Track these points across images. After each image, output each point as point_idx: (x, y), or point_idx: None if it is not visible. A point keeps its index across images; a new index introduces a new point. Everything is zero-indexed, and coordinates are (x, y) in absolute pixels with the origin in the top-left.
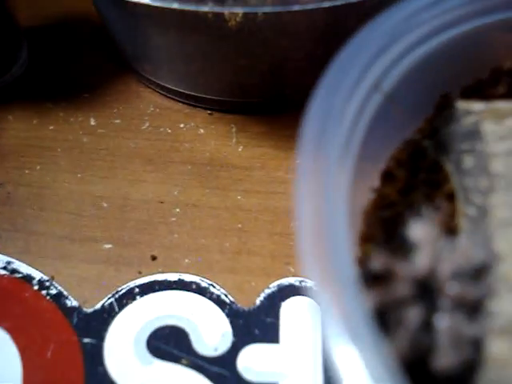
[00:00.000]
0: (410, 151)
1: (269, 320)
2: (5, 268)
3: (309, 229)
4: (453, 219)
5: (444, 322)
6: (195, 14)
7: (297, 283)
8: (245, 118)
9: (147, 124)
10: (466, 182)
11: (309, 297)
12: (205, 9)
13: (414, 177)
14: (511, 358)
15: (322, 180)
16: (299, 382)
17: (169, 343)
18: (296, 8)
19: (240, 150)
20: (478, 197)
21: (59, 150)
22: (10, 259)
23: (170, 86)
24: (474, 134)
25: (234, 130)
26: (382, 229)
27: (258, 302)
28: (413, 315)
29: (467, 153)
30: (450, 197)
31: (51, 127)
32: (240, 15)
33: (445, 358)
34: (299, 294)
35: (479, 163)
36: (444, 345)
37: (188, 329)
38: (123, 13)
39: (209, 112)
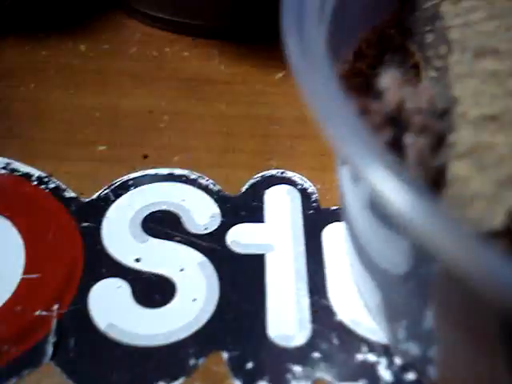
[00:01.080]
0: (377, 34)
1: (254, 204)
2: (4, 168)
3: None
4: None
5: (411, 139)
6: None
7: (278, 174)
8: (227, 43)
9: (134, 49)
10: (428, 53)
11: (289, 185)
12: None
13: (382, 56)
14: (470, 176)
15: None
16: (283, 252)
17: (162, 224)
18: None
19: (222, 68)
20: (438, 61)
21: (52, 71)
22: (8, 161)
23: (153, 14)
24: (434, 15)
25: (216, 52)
26: (355, 92)
27: (243, 189)
28: (383, 136)
29: (428, 32)
30: (416, 67)
31: (43, 52)
32: None
33: (413, 172)
34: (281, 183)
35: (439, 36)
36: (412, 159)
37: (180, 212)
38: None
39: (192, 38)
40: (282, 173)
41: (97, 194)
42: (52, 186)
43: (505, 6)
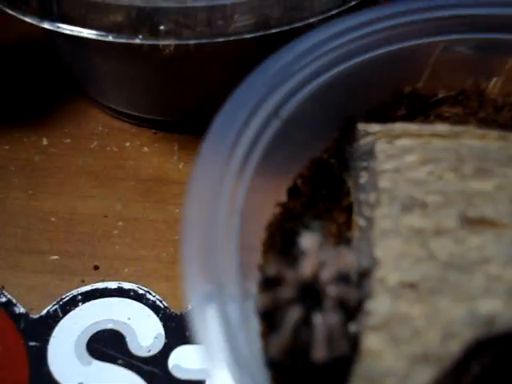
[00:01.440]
0: (315, 168)
1: None
2: None
3: (195, 240)
4: (349, 230)
5: (319, 319)
6: (131, 44)
7: None
8: (187, 137)
9: (95, 143)
10: (360, 196)
11: None
12: (137, 41)
13: (318, 192)
14: (383, 351)
15: (215, 195)
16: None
17: (107, 345)
18: (221, 39)
19: (181, 166)
20: (367, 210)
21: (12, 168)
22: None
23: (116, 108)
24: (370, 152)
25: (176, 148)
26: (282, 239)
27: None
28: (293, 313)
29: (364, 170)
30: (349, 209)
31: (6, 147)
32: (173, 45)
33: (319, 352)
34: None
35: (371, 179)
36: (319, 339)
37: (125, 332)
38: (68, 40)
39: (153, 131)
40: None
41: (46, 309)
42: (3, 300)
43: (440, 147)
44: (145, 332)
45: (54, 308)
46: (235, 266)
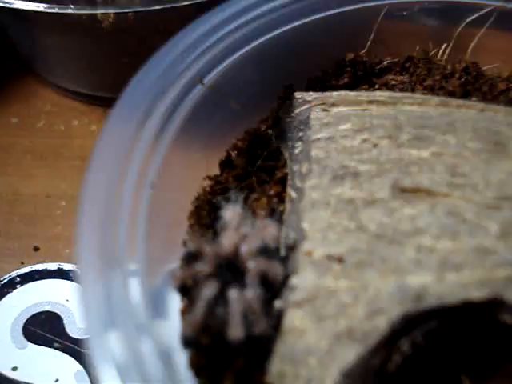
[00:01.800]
0: (250, 140)
1: None
2: None
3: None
4: (282, 203)
5: (235, 295)
6: (70, 16)
7: None
8: None
9: (43, 122)
10: (294, 167)
11: None
12: (69, 11)
13: (253, 165)
14: (306, 328)
15: (120, 166)
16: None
17: (43, 328)
18: (158, 7)
19: None
20: (299, 181)
21: None
22: None
23: (64, 85)
24: (306, 121)
25: None
26: (209, 213)
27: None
28: (207, 289)
29: (299, 140)
30: (284, 182)
31: None
32: (112, 16)
33: (236, 330)
34: None
35: (305, 149)
36: (235, 317)
37: (62, 314)
38: (10, 15)
39: (103, 109)
40: None
41: None
42: None
43: (377, 115)
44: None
45: None
46: (141, 241)
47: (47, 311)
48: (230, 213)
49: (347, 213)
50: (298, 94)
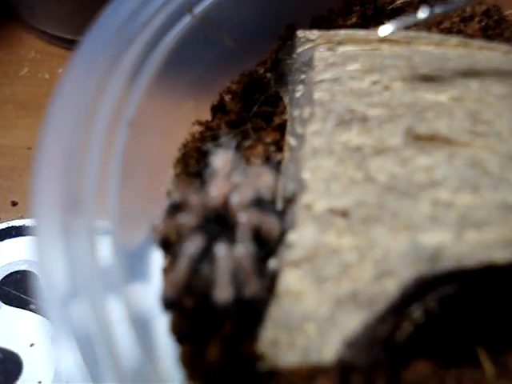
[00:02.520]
0: (246, 83)
1: None
2: None
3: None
4: (280, 151)
5: (223, 251)
6: None
7: None
8: None
9: (26, 70)
10: (294, 113)
11: None
12: None
13: (248, 110)
14: (304, 291)
15: (88, 100)
16: None
17: (19, 288)
18: None
19: None
20: (300, 127)
21: None
22: None
23: (49, 30)
24: (309, 62)
25: None
26: (198, 161)
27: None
28: (192, 244)
29: (301, 83)
30: (282, 129)
31: None
32: None
33: (223, 291)
34: None
35: (306, 92)
36: (222, 276)
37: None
38: None
39: None
40: None
41: None
42: None
43: (389, 54)
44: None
45: None
46: (114, 191)
47: (23, 270)
48: (221, 158)
49: (354, 162)
50: (300, 33)
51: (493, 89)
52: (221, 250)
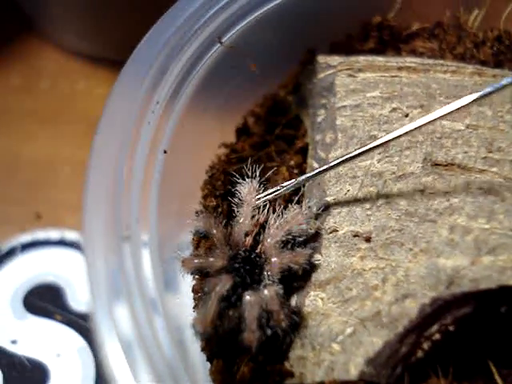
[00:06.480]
0: (269, 106)
1: None
2: None
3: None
4: (302, 173)
5: (252, 298)
6: None
7: None
8: None
9: (46, 84)
10: (316, 137)
11: None
12: None
13: (271, 132)
14: (330, 311)
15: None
16: None
17: (44, 299)
18: None
19: None
20: (322, 151)
21: None
22: None
23: (69, 44)
24: (330, 88)
25: None
26: (224, 183)
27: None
28: (219, 286)
29: (322, 107)
30: (304, 152)
31: None
32: None
33: (250, 335)
34: None
35: (329, 117)
36: (250, 323)
37: (64, 286)
38: None
39: (111, 71)
40: None
41: None
42: None
43: (408, 82)
44: (85, 286)
45: None
46: (153, 211)
47: (49, 282)
48: (247, 188)
49: (375, 187)
50: (321, 58)
51: (507, 116)
52: (249, 296)
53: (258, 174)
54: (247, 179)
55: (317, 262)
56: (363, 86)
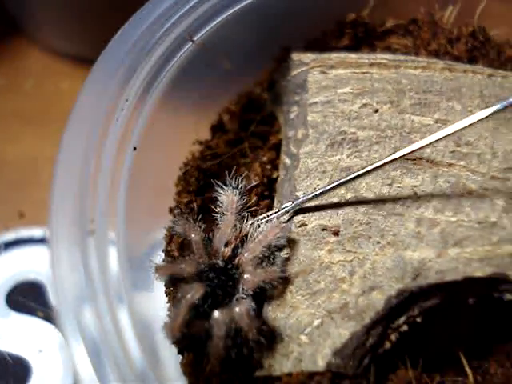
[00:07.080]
0: (244, 103)
1: None
2: None
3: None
4: (275, 169)
5: (221, 316)
6: None
7: None
8: None
9: (31, 84)
10: (288, 133)
11: None
12: None
13: (246, 129)
14: (298, 304)
15: (98, 124)
16: None
17: (28, 296)
18: None
19: None
20: (294, 147)
21: None
22: None
23: (54, 45)
24: (303, 84)
25: None
26: (199, 179)
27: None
28: (191, 295)
29: (295, 104)
30: (278, 148)
31: None
32: None
33: (218, 351)
34: None
35: (301, 114)
36: (218, 340)
37: (46, 283)
38: None
39: None
40: None
41: None
42: None
43: (379, 78)
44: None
45: None
46: (122, 207)
47: (32, 279)
48: (230, 199)
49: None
50: (295, 56)
51: (476, 111)
52: (218, 314)
53: (239, 181)
54: (228, 187)
55: (285, 256)
56: (335, 83)
